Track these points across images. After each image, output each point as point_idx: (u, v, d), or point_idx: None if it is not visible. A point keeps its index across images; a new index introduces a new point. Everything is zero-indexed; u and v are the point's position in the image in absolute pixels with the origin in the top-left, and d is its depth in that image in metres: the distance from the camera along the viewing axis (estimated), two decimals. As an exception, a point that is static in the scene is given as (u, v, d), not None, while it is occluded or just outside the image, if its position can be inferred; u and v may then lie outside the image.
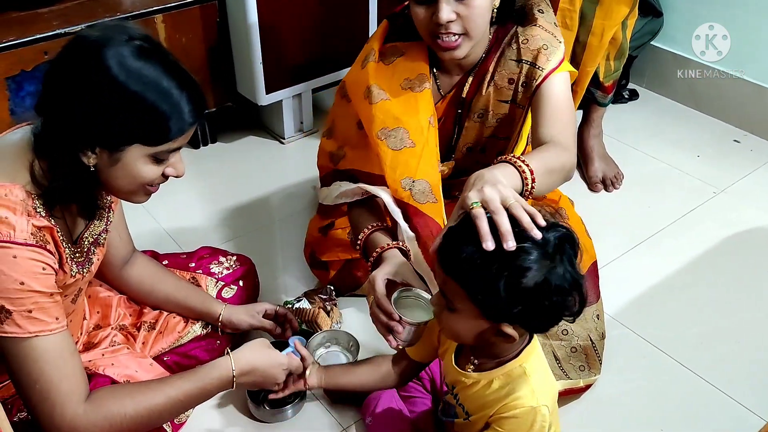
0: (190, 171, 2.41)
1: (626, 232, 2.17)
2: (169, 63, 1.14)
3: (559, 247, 1.05)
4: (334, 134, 1.78)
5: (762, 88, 2.58)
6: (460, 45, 1.51)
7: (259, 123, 2.66)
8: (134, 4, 2.19)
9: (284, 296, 1.89)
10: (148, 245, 1.81)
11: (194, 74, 2.42)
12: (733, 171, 2.45)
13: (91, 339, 1.50)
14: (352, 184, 1.67)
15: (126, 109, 1.09)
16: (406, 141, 1.59)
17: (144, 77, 1.09)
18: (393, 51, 1.65)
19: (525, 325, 1.11)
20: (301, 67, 2.43)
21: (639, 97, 2.87)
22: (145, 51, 1.11)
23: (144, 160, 1.16)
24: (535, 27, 1.60)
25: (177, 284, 1.63)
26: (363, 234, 1.58)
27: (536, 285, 1.02)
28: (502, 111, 1.67)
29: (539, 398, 1.14)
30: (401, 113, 1.60)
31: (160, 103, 1.11)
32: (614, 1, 2.05)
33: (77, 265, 1.27)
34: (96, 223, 1.33)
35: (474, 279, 1.05)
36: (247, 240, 2.12)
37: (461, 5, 1.45)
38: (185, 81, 1.14)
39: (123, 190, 1.21)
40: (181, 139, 1.17)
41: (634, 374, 1.72)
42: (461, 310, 1.09)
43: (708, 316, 1.89)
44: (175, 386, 1.30)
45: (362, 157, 1.67)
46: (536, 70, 1.58)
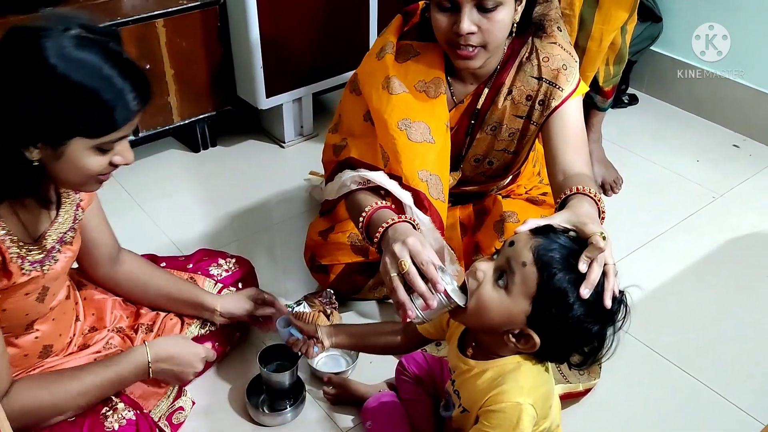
0: (190, 174, 2.44)
1: (626, 236, 2.16)
2: (111, 51, 1.10)
3: (619, 312, 1.12)
4: (340, 128, 1.77)
5: (761, 93, 2.59)
6: (476, 56, 1.50)
7: (259, 127, 2.67)
8: (135, 8, 2.19)
9: (284, 300, 1.88)
10: (148, 249, 1.81)
11: (194, 78, 2.44)
12: (732, 175, 2.45)
13: (87, 341, 1.49)
14: (353, 171, 1.61)
15: (67, 101, 1.06)
16: (427, 136, 1.58)
17: (84, 67, 1.06)
18: (407, 49, 1.64)
19: (545, 345, 1.12)
20: (302, 72, 2.43)
21: (638, 101, 2.88)
22: (84, 40, 1.08)
23: (89, 151, 1.13)
24: (555, 45, 1.60)
25: (169, 279, 1.61)
26: (366, 212, 1.44)
27: (587, 329, 1.09)
28: (515, 126, 1.66)
29: (526, 396, 1.14)
30: (421, 110, 1.59)
31: (103, 92, 1.08)
32: (613, 7, 2.05)
33: (33, 264, 1.25)
34: (60, 221, 1.31)
35: (558, 290, 1.07)
36: (247, 244, 2.12)
37: (483, 18, 1.44)
38: (127, 68, 1.11)
39: (71, 182, 1.19)
40: (126, 127, 1.14)
41: (633, 378, 1.72)
42: (513, 296, 1.09)
43: (707, 320, 1.89)
44: (92, 372, 1.32)
45: (365, 147, 1.65)
46: (556, 90, 1.58)
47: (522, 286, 1.08)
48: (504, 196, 1.92)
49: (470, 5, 1.43)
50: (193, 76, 2.35)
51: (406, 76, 1.61)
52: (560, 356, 1.16)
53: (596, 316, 1.08)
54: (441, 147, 1.59)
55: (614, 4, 2.04)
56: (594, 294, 1.07)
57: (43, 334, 1.36)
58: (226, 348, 1.69)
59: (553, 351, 1.14)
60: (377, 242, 1.36)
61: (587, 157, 1.56)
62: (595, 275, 1.08)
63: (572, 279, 1.07)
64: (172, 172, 2.45)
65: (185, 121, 2.41)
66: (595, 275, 1.08)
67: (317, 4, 2.34)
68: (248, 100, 2.44)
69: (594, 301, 1.08)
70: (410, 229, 1.34)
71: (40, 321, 1.35)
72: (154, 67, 2.23)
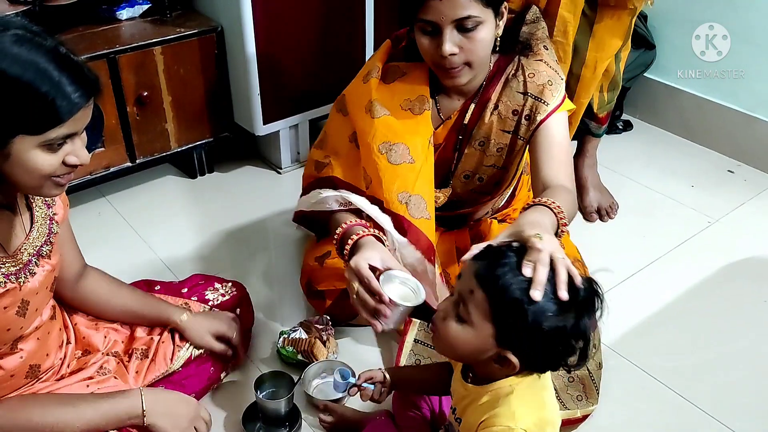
0: (187, 200, 2.44)
1: (622, 261, 2.17)
2: (47, 47, 1.09)
3: (589, 301, 1.10)
4: (324, 146, 1.80)
5: (754, 118, 2.61)
6: (461, 73, 1.56)
7: (256, 153, 2.68)
8: (133, 36, 2.21)
9: (280, 326, 1.88)
10: (143, 274, 1.81)
11: (192, 105, 2.46)
12: (727, 201, 2.47)
13: (80, 365, 1.48)
14: (334, 191, 1.67)
15: (4, 97, 1.06)
16: (406, 156, 1.62)
17: (18, 61, 1.05)
18: (394, 71, 1.69)
19: (527, 358, 1.12)
20: (299, 98, 2.45)
21: (633, 127, 2.90)
22: (21, 38, 1.07)
23: (35, 150, 1.11)
24: (541, 62, 1.65)
25: (134, 295, 1.61)
26: (341, 228, 1.54)
27: (557, 327, 1.07)
28: (503, 141, 1.69)
29: (519, 421, 1.13)
30: (403, 131, 1.63)
31: (39, 84, 1.06)
32: (607, 35, 2.07)
33: (6, 276, 1.24)
34: (35, 235, 1.31)
35: (509, 302, 1.07)
36: (243, 270, 2.12)
37: (465, 38, 1.50)
38: (65, 61, 1.10)
39: (27, 184, 1.17)
40: (70, 122, 1.11)
41: (631, 405, 1.71)
42: (474, 324, 1.11)
43: (704, 346, 1.88)
44: (91, 406, 1.33)
45: (348, 168, 1.69)
46: (541, 104, 1.63)
47: (477, 312, 1.10)
48: (500, 221, 1.93)
49: (451, 27, 1.48)
50: (190, 103, 2.36)
51: (392, 96, 1.66)
52: (551, 363, 1.14)
53: (560, 312, 1.07)
54: (422, 166, 1.62)
55: (608, 32, 2.06)
56: (550, 292, 1.07)
57: (28, 353, 1.35)
58: (220, 373, 1.68)
59: (539, 361, 1.13)
60: (347, 258, 1.46)
61: (570, 171, 1.60)
62: (541, 275, 1.08)
63: (521, 287, 1.07)
64: (168, 198, 2.45)
65: (182, 147, 2.42)
66: (541, 275, 1.08)
67: (314, 32, 2.37)
68: (245, 126, 2.45)
69: (551, 298, 1.07)
70: (371, 242, 1.45)
71: (23, 340, 1.34)
72: (152, 94, 2.24)
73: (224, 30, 2.31)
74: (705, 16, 2.55)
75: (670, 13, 2.68)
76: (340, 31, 2.41)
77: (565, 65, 2.06)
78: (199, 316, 1.63)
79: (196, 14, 2.38)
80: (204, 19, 2.34)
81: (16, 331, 1.31)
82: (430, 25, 1.51)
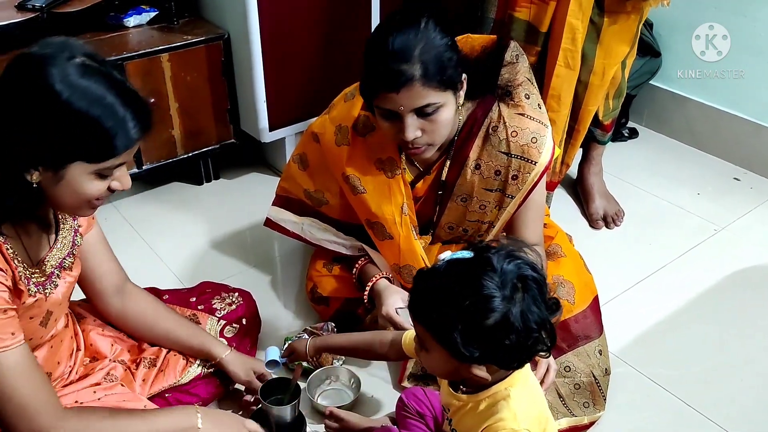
0: (193, 207, 2.45)
1: (628, 269, 2.16)
2: (114, 80, 1.13)
3: (521, 288, 1.07)
4: (309, 168, 1.84)
5: (761, 126, 2.60)
6: (425, 151, 1.55)
7: (262, 160, 2.68)
8: (140, 43, 2.22)
9: (285, 332, 1.88)
10: (150, 281, 1.81)
11: (198, 112, 2.47)
12: (733, 209, 2.46)
13: (87, 371, 1.49)
14: (349, 238, 1.82)
15: (70, 127, 1.09)
16: (386, 233, 1.69)
17: (88, 94, 1.09)
18: (366, 123, 1.68)
19: (496, 364, 1.12)
20: (305, 105, 2.46)
21: (638, 135, 2.90)
22: (89, 68, 1.11)
23: (88, 176, 1.15)
24: (523, 117, 1.60)
25: (178, 322, 1.61)
26: (356, 269, 1.77)
27: (497, 328, 1.05)
28: (486, 198, 1.68)
29: (521, 422, 1.14)
30: (377, 205, 1.67)
31: (105, 120, 1.10)
32: (614, 42, 2.07)
33: (36, 285, 1.26)
34: (59, 247, 1.32)
35: (436, 324, 1.09)
36: (249, 276, 2.12)
37: (426, 122, 1.47)
38: (130, 97, 1.14)
39: (68, 205, 1.21)
40: (125, 154, 1.16)
41: (637, 413, 1.70)
42: (433, 350, 1.13)
43: (711, 354, 1.88)
44: (160, 421, 1.32)
45: (345, 209, 1.78)
46: (528, 164, 1.61)
47: (430, 342, 1.13)
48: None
49: (411, 114, 1.45)
50: (197, 110, 2.37)
51: (367, 152, 1.68)
52: (517, 357, 1.12)
53: (481, 305, 1.05)
54: (399, 239, 1.68)
55: (615, 39, 2.07)
56: (457, 286, 1.07)
57: (41, 361, 1.36)
58: (229, 386, 1.68)
59: (505, 357, 1.11)
60: (367, 298, 1.72)
61: (541, 223, 1.75)
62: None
63: (441, 299, 1.08)
64: (175, 205, 2.46)
65: (189, 154, 2.43)
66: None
67: (320, 39, 2.37)
68: (251, 133, 2.46)
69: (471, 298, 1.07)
70: (386, 286, 1.68)
71: (38, 348, 1.35)
72: (158, 101, 2.25)
73: (231, 37, 2.32)
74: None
75: (676, 21, 2.68)
76: (346, 38, 2.42)
77: (574, 72, 2.06)
78: (239, 354, 1.64)
79: (203, 21, 2.40)
80: (211, 27, 2.35)
81: (36, 340, 1.32)
82: (389, 112, 1.48)
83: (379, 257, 1.76)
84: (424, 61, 1.41)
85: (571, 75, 2.06)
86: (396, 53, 1.41)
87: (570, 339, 1.65)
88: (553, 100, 2.07)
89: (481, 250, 1.11)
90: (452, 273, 1.09)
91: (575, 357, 1.64)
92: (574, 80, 2.08)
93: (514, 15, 2.05)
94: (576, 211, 2.44)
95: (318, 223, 1.86)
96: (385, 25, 1.47)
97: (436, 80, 1.42)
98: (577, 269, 1.77)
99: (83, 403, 1.39)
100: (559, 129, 2.12)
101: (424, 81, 1.41)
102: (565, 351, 1.64)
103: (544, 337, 1.10)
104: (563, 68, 2.04)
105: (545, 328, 1.09)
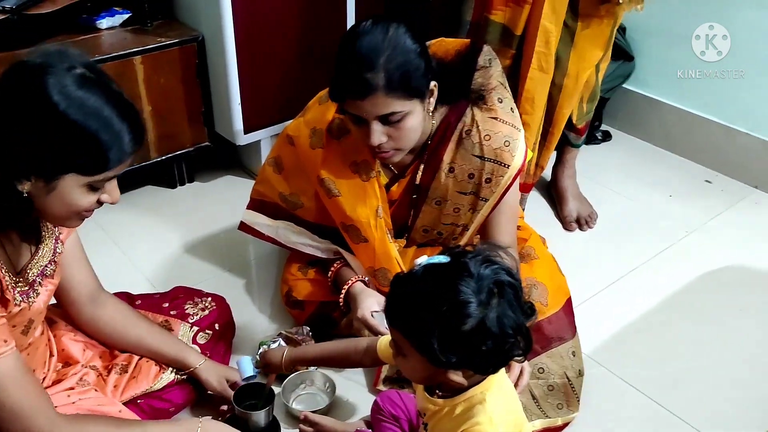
0: (167, 211, 2.43)
1: (601, 270, 2.18)
2: (111, 92, 1.13)
3: (497, 293, 1.07)
4: (284, 171, 1.83)
5: (732, 129, 2.64)
6: (393, 156, 1.55)
7: (236, 163, 2.67)
8: (113, 45, 2.20)
9: (260, 337, 1.87)
10: (123, 286, 1.79)
11: (172, 115, 2.45)
12: (704, 211, 2.49)
13: (60, 377, 1.47)
14: (324, 241, 1.80)
15: (65, 138, 1.08)
16: (361, 236, 1.68)
17: (85, 106, 1.08)
18: (341, 126, 1.68)
19: (473, 369, 1.12)
20: (280, 108, 2.45)
21: (612, 138, 2.92)
22: (87, 80, 1.10)
23: (80, 189, 1.15)
24: (497, 122, 1.60)
25: (150, 330, 1.60)
26: (331, 271, 1.79)
27: (473, 333, 1.05)
28: (460, 202, 1.69)
29: (497, 426, 1.15)
30: (352, 208, 1.67)
31: (101, 133, 1.10)
32: (588, 45, 2.09)
33: (20, 294, 1.25)
34: (41, 255, 1.31)
35: (414, 330, 1.09)
36: (224, 280, 2.11)
37: (392, 128, 1.47)
38: (126, 110, 1.13)
39: (57, 216, 1.20)
40: (118, 168, 1.16)
41: (610, 414, 1.72)
42: (410, 356, 1.13)
43: (682, 354, 1.90)
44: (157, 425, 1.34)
45: (321, 212, 1.77)
46: (501, 167, 1.62)
47: (407, 348, 1.12)
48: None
49: (376, 121, 1.46)
50: (170, 113, 2.35)
51: (342, 155, 1.67)
52: (493, 362, 1.12)
53: (457, 310, 1.05)
54: (374, 242, 1.68)
55: (589, 42, 2.09)
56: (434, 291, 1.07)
57: None
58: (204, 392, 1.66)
59: (482, 362, 1.11)
60: (343, 301, 1.72)
61: (515, 226, 1.75)
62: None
63: (419, 304, 1.08)
64: (148, 209, 2.44)
65: (163, 157, 2.40)
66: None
67: (295, 41, 2.37)
68: (226, 136, 2.45)
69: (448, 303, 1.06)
70: (361, 289, 1.68)
71: None
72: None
73: (205, 39, 2.30)
74: (686, 31, 2.58)
75: (649, 26, 2.71)
76: (322, 41, 2.41)
77: (547, 76, 2.07)
78: (213, 363, 1.63)
79: (177, 23, 2.38)
80: (185, 29, 2.34)
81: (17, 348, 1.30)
82: (356, 117, 1.48)
83: (354, 260, 1.76)
84: (388, 70, 1.40)
85: (545, 78, 2.08)
86: (362, 60, 1.41)
87: (543, 341, 1.66)
88: (528, 103, 2.09)
89: (457, 255, 1.11)
90: (429, 278, 1.09)
91: (549, 359, 1.65)
92: (548, 83, 2.10)
93: (490, 18, 2.06)
94: (550, 213, 2.46)
95: (293, 226, 1.86)
96: (355, 30, 1.46)
97: (400, 89, 1.42)
98: (550, 271, 1.79)
99: (57, 407, 1.37)
100: (533, 132, 2.13)
101: (388, 90, 1.41)
102: (538, 353, 1.64)
103: (520, 342, 1.10)
104: (537, 71, 2.05)
105: (521, 332, 1.09)
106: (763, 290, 2.13)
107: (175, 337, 1.64)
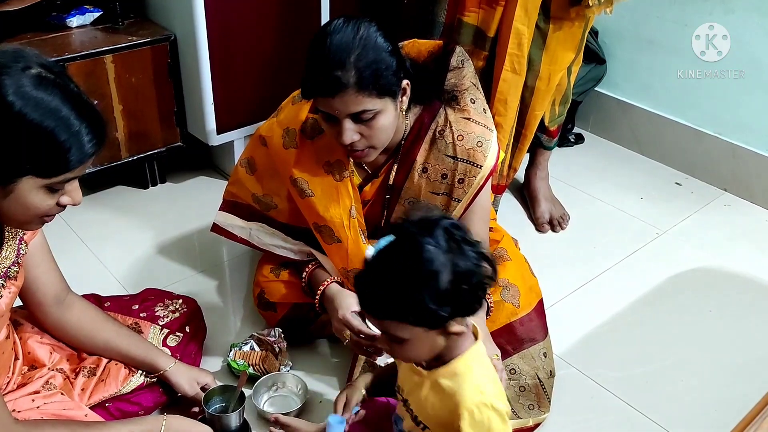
0: (138, 212, 2.40)
1: (572, 272, 2.20)
2: (70, 92, 1.10)
3: (449, 238, 1.12)
4: (257, 172, 1.82)
5: (701, 132, 2.67)
6: (367, 155, 1.55)
7: (209, 163, 2.65)
8: (83, 43, 2.18)
9: (231, 339, 1.86)
10: (92, 287, 1.77)
11: (143, 114, 2.43)
12: (674, 213, 2.52)
13: (25, 380, 1.45)
14: (297, 242, 1.79)
15: (22, 140, 1.06)
16: (334, 236, 1.68)
17: (42, 106, 1.06)
18: (314, 126, 1.67)
19: (463, 313, 1.16)
20: (253, 108, 2.43)
21: (584, 140, 2.95)
22: (44, 80, 1.08)
23: (38, 191, 1.12)
24: (469, 122, 1.61)
25: (119, 332, 1.57)
26: (306, 270, 1.77)
27: (453, 280, 1.10)
28: (434, 202, 1.69)
29: (485, 394, 1.18)
30: (325, 208, 1.66)
31: (59, 133, 1.07)
32: (560, 48, 2.11)
33: None
34: (4, 256, 1.29)
35: (401, 308, 1.11)
36: (196, 282, 2.09)
37: (364, 126, 1.47)
38: (86, 110, 1.11)
39: (16, 219, 1.18)
40: (79, 169, 1.13)
41: (581, 414, 1.73)
42: (408, 338, 1.14)
43: (652, 355, 1.92)
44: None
45: (294, 213, 1.76)
46: (473, 167, 1.62)
47: (402, 331, 1.14)
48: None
49: (347, 119, 1.46)
50: (142, 112, 2.33)
51: (315, 155, 1.67)
52: (476, 297, 1.15)
53: (431, 267, 1.09)
54: (347, 242, 1.68)
55: (560, 45, 2.10)
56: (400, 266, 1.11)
57: None
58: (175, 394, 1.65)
59: (469, 302, 1.14)
60: (318, 303, 1.71)
61: (487, 227, 1.76)
62: None
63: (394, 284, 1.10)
64: (119, 210, 2.41)
65: (134, 157, 2.38)
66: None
67: (268, 41, 2.36)
68: (199, 136, 2.43)
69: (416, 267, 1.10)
70: (338, 290, 1.67)
71: None
72: (102, 103, 2.20)
73: (177, 39, 2.28)
74: (655, 35, 2.61)
75: (620, 29, 2.74)
76: (295, 41, 2.40)
77: (520, 77, 2.08)
78: (183, 365, 1.61)
79: (149, 23, 2.36)
80: (157, 28, 2.32)
81: None
82: (328, 115, 1.48)
83: (327, 262, 1.75)
84: (359, 68, 1.40)
85: (518, 80, 2.09)
86: (332, 58, 1.41)
87: (515, 342, 1.67)
88: (500, 105, 2.10)
89: (398, 228, 1.15)
90: (389, 258, 1.13)
91: (520, 360, 1.66)
92: (521, 85, 2.11)
93: (463, 19, 2.07)
94: (522, 214, 2.47)
95: (266, 227, 1.85)
96: (326, 28, 1.46)
97: (371, 87, 1.42)
98: (522, 273, 1.79)
99: (21, 412, 1.35)
100: (506, 133, 2.14)
101: (359, 88, 1.41)
102: (510, 354, 1.65)
103: (487, 267, 1.15)
104: (510, 73, 2.07)
105: (485, 258, 1.14)
106: (732, 291, 2.17)
107: (145, 340, 1.62)
